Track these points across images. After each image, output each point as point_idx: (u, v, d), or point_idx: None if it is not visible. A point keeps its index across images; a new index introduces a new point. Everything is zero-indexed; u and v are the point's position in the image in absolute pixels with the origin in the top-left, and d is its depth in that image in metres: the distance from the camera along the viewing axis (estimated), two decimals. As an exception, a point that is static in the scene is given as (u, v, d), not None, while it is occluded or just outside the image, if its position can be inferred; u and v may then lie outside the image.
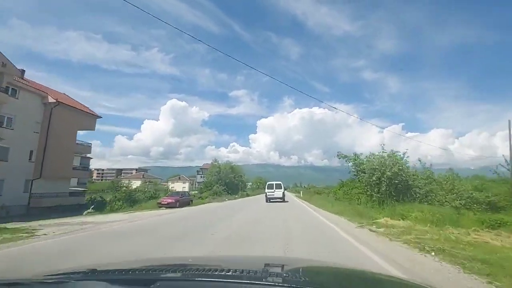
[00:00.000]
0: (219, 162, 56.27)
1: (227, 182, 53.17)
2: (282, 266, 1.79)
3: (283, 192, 25.41)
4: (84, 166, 33.18)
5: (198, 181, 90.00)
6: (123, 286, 1.22)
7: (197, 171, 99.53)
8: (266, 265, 1.72)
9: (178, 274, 1.43)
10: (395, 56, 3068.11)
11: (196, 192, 51.19)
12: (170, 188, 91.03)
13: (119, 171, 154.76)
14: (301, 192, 47.91)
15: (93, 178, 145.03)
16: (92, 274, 1.31)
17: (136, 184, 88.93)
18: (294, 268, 1.80)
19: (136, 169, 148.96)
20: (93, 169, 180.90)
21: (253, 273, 1.30)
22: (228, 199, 31.93)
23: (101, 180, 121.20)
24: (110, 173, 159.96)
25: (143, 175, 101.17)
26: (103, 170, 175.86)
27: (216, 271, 1.34)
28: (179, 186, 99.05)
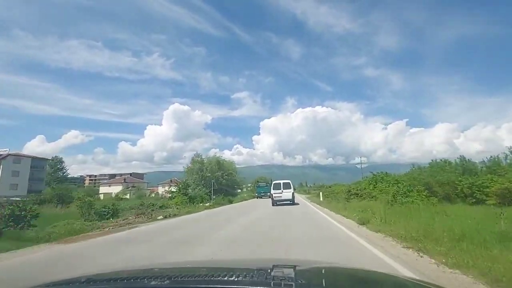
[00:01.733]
0: (203, 156, 42.06)
1: (212, 183, 39.23)
2: (292, 268, 1.69)
3: (293, 193, 22.33)
4: None
5: (186, 183, 76.31)
6: None
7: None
8: (274, 266, 1.66)
9: (173, 282, 1.27)
10: (397, 52, 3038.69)
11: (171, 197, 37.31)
12: (161, 193, 77.94)
13: (112, 176, 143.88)
14: (320, 193, 28.81)
15: (86, 184, 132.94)
16: (86, 283, 1.26)
17: (116, 190, 76.19)
18: (300, 270, 1.65)
19: (131, 174, 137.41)
20: (85, 176, 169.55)
21: (256, 277, 1.21)
22: (152, 220, 13.62)
23: (109, 186, 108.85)
24: (103, 178, 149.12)
25: (124, 180, 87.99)
26: (95, 176, 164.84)
27: (214, 277, 1.27)
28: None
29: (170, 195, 33.27)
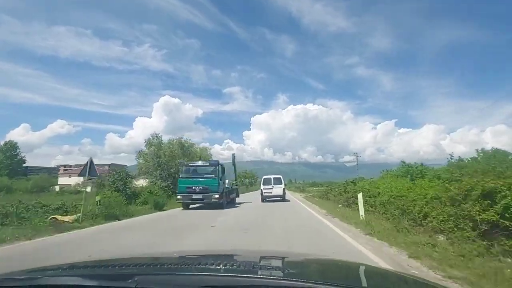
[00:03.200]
0: (162, 138, 31.51)
1: (173, 173, 29.24)
2: (281, 259, 1.70)
3: (284, 189, 21.19)
4: None
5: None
6: (100, 280, 1.14)
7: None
8: (263, 257, 1.66)
9: (158, 268, 1.32)
10: (389, 54, 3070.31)
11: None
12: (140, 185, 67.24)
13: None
14: (359, 197, 9.64)
15: (59, 175, 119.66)
16: (69, 269, 1.26)
17: (75, 181, 65.15)
18: (289, 261, 1.66)
19: (109, 165, 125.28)
20: (60, 165, 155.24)
21: (244, 266, 1.24)
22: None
23: (69, 176, 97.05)
24: (79, 169, 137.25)
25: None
26: (70, 166, 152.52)
27: (202, 265, 1.29)
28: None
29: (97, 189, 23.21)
